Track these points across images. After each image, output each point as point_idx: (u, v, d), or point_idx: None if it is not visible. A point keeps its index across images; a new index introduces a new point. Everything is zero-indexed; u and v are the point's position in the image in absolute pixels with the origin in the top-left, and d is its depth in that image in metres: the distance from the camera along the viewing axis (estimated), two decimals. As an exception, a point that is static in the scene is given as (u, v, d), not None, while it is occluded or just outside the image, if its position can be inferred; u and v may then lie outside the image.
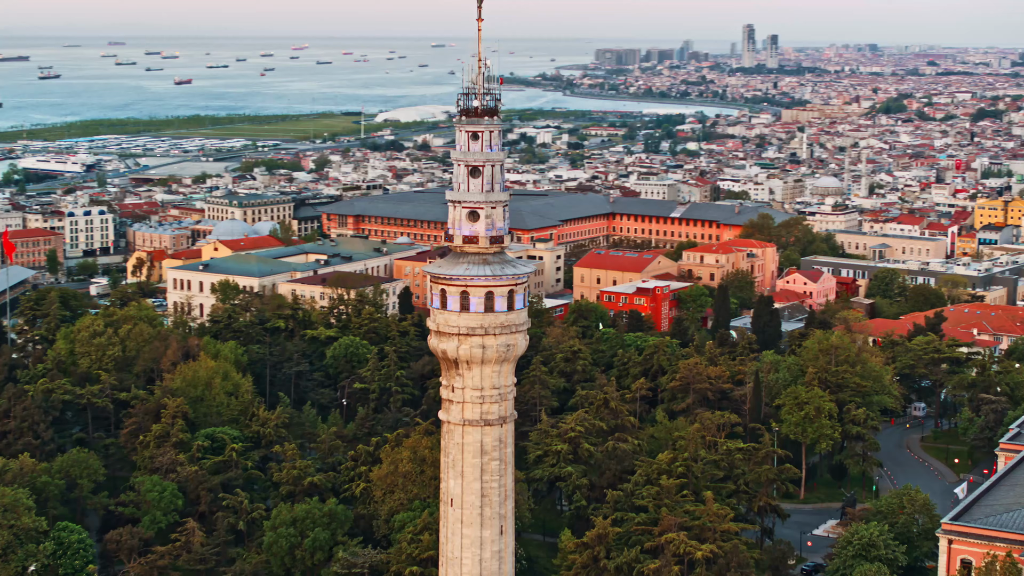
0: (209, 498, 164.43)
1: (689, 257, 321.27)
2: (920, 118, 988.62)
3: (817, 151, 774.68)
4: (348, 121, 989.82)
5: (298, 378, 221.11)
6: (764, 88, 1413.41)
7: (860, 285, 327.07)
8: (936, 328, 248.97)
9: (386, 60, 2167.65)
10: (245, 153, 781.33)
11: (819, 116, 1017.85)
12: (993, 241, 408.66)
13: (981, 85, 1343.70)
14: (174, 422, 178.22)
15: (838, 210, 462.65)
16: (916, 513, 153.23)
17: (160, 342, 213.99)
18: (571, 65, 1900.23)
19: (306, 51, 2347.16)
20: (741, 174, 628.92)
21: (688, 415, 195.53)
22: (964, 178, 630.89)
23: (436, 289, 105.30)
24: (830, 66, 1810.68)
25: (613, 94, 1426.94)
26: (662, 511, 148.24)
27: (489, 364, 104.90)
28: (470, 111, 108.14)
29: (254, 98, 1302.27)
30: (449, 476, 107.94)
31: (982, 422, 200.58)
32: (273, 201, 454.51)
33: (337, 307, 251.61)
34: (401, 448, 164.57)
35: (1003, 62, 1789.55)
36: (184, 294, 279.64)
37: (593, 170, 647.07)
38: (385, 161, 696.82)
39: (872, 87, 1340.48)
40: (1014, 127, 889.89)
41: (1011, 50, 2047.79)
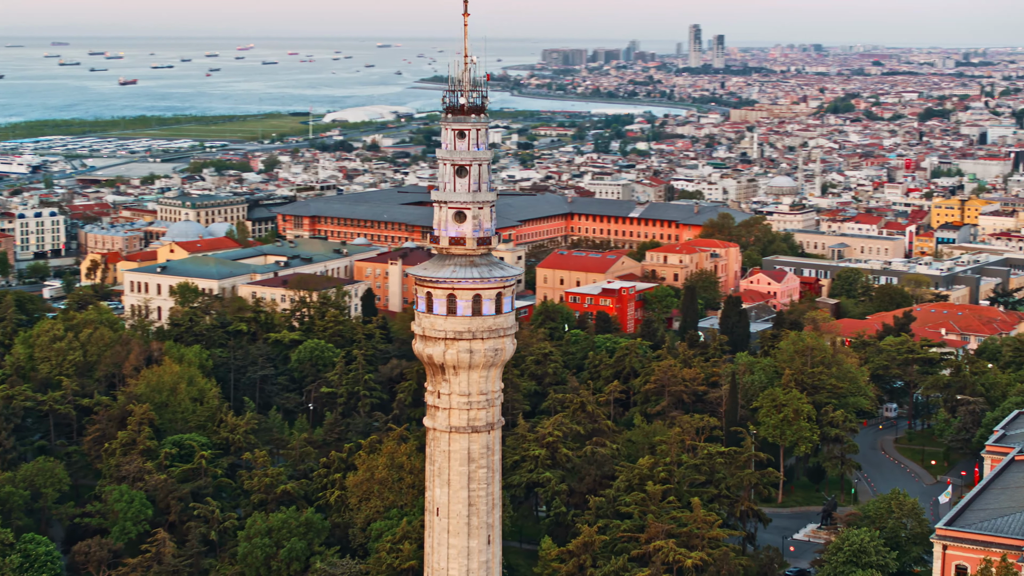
0: (179, 507, 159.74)
1: (652, 257, 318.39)
2: (868, 118, 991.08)
3: (767, 151, 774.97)
4: (296, 121, 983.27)
5: (263, 382, 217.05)
6: (711, 88, 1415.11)
7: (823, 285, 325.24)
8: (905, 328, 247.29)
9: (332, 60, 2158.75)
10: (193, 154, 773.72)
11: (768, 116, 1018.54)
12: (951, 240, 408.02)
13: (927, 85, 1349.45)
14: (141, 429, 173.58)
15: (795, 210, 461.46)
16: (904, 517, 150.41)
17: (122, 346, 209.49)
18: (518, 65, 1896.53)
19: (251, 51, 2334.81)
20: (694, 174, 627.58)
21: (664, 418, 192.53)
22: (914, 177, 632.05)
23: (421, 292, 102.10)
24: (776, 66, 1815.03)
25: (561, 94, 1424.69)
26: (648, 518, 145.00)
27: (476, 369, 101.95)
28: (456, 108, 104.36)
29: (200, 98, 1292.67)
30: (435, 485, 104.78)
31: (959, 423, 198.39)
32: (226, 202, 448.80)
33: (300, 310, 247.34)
34: (377, 454, 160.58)
35: (947, 62, 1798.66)
36: (142, 297, 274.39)
37: (546, 170, 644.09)
38: (335, 162, 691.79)
39: (819, 87, 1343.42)
40: (962, 127, 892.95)
41: (954, 50, 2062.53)
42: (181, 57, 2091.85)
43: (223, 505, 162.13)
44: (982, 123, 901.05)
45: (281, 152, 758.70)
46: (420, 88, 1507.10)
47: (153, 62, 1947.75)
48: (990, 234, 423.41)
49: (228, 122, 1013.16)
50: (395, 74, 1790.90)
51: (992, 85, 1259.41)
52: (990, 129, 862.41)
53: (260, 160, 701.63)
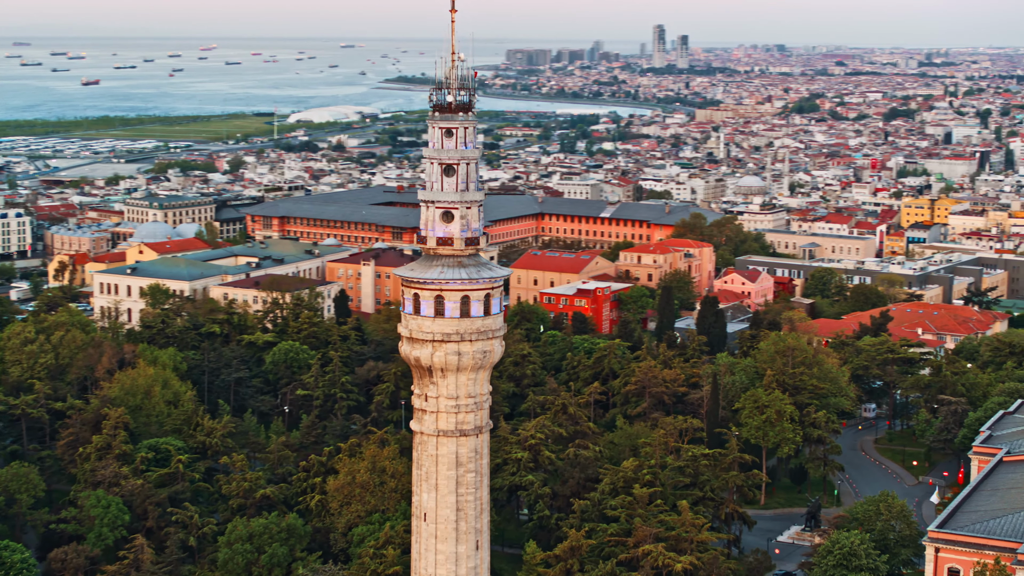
0: (157, 513, 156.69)
1: (626, 257, 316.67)
2: (833, 118, 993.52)
3: (733, 151, 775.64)
4: (260, 122, 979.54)
5: (237, 385, 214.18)
6: (676, 88, 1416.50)
7: (796, 285, 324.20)
8: (882, 328, 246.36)
9: (296, 61, 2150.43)
10: (157, 154, 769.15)
11: (733, 116, 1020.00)
12: (922, 240, 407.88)
13: (891, 85, 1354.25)
14: (116, 433, 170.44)
15: (766, 210, 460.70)
16: (893, 520, 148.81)
17: (94, 349, 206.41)
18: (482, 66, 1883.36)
19: (214, 51, 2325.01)
20: (662, 173, 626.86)
21: (645, 420, 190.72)
22: (880, 177, 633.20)
23: (408, 293, 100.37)
24: (740, 66, 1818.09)
25: (526, 94, 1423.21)
26: (635, 521, 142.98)
27: (465, 372, 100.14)
28: (444, 106, 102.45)
29: (163, 99, 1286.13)
30: (422, 489, 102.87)
31: (940, 424, 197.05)
32: (194, 203, 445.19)
33: (273, 311, 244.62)
34: (358, 458, 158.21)
35: (910, 62, 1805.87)
36: (112, 299, 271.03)
37: (513, 170, 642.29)
38: (301, 162, 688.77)
39: (783, 87, 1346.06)
40: (927, 127, 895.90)
41: (917, 50, 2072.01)
42: (144, 57, 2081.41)
43: (201, 510, 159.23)
44: (947, 123, 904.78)
45: (246, 153, 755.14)
46: (385, 88, 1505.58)
47: (116, 62, 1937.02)
48: (960, 233, 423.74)
49: (192, 122, 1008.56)
50: (359, 74, 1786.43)
51: (956, 85, 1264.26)
52: (955, 129, 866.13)
53: (225, 161, 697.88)
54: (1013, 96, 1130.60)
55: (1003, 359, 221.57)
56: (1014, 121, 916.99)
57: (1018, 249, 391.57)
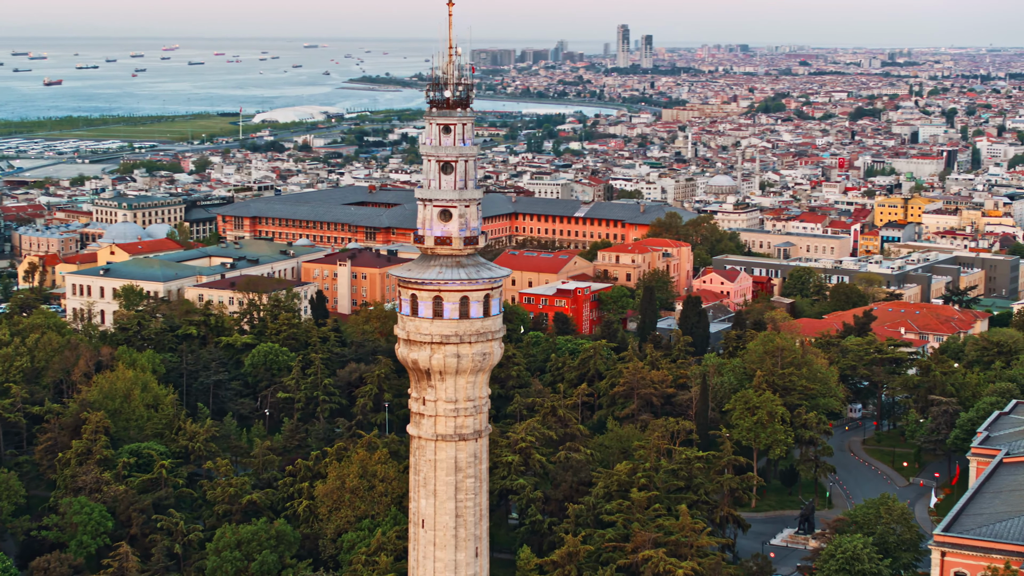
0: (141, 520, 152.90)
1: (604, 257, 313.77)
2: (799, 117, 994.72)
3: (701, 150, 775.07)
4: (225, 122, 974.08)
5: (216, 388, 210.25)
6: (641, 88, 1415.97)
7: (774, 284, 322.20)
8: (866, 328, 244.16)
9: (259, 61, 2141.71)
10: (122, 155, 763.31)
11: (699, 116, 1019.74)
12: (896, 239, 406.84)
13: (855, 84, 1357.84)
14: (96, 438, 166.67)
15: (740, 209, 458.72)
16: (894, 523, 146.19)
17: (70, 351, 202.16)
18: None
19: (177, 52, 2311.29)
20: (632, 173, 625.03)
21: (633, 421, 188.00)
22: (848, 176, 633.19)
23: (406, 294, 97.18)
24: (704, 66, 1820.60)
25: (491, 94, 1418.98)
26: (634, 526, 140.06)
27: (464, 374, 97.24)
28: (441, 102, 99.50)
29: (127, 99, 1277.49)
30: (420, 495, 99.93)
31: (931, 424, 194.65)
32: (163, 203, 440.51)
33: (250, 312, 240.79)
34: (347, 462, 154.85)
35: (873, 62, 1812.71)
36: (84, 300, 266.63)
37: (483, 170, 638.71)
38: (268, 162, 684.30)
39: (748, 87, 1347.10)
40: (893, 126, 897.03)
41: (879, 50, 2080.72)
42: (106, 57, 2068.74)
43: (186, 517, 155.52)
44: (913, 122, 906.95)
45: (212, 153, 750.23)
46: (349, 88, 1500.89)
47: (78, 62, 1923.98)
48: (935, 232, 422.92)
49: (156, 123, 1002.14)
50: (323, 74, 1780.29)
51: (920, 85, 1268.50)
52: (921, 128, 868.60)
53: (191, 161, 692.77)
54: (978, 96, 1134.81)
55: (991, 359, 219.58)
56: (980, 120, 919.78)
57: (993, 248, 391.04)
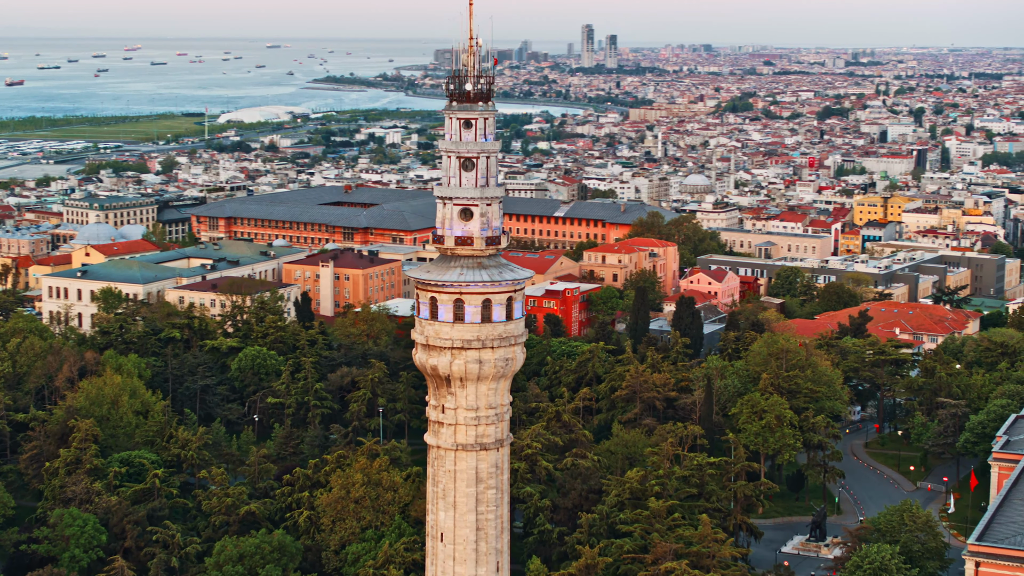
0: (135, 532, 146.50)
1: (590, 257, 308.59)
2: (767, 116, 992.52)
3: (671, 150, 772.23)
4: (190, 122, 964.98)
5: (203, 393, 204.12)
6: (607, 88, 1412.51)
7: (760, 284, 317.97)
8: (862, 328, 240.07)
9: (222, 61, 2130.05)
10: (87, 155, 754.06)
11: (667, 115, 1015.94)
12: (877, 238, 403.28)
13: (820, 84, 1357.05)
14: (86, 446, 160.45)
15: (719, 208, 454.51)
16: (918, 531, 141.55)
17: (53, 356, 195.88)
18: (411, 65, 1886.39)
19: (139, 52, 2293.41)
20: (604, 172, 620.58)
21: (636, 426, 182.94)
22: (819, 175, 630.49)
23: (425, 297, 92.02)
24: (668, 66, 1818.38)
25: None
26: (653, 537, 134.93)
27: (486, 381, 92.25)
28: (462, 95, 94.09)
29: (89, 99, 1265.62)
30: (439, 508, 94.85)
31: (940, 427, 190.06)
32: (135, 204, 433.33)
33: (234, 315, 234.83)
34: (350, 470, 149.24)
35: (837, 62, 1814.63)
36: (61, 303, 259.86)
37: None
38: (235, 163, 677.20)
39: (714, 86, 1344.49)
40: (862, 125, 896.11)
41: (842, 50, 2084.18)
42: (68, 58, 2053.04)
43: (182, 529, 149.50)
44: (881, 121, 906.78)
45: (178, 153, 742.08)
46: (314, 88, 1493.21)
47: (39, 63, 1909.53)
48: (916, 232, 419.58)
49: (120, 123, 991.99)
50: (287, 74, 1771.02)
51: (886, 84, 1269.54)
52: (890, 127, 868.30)
53: (157, 161, 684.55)
54: (944, 95, 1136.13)
55: (994, 359, 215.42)
56: (948, 120, 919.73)
57: (975, 247, 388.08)
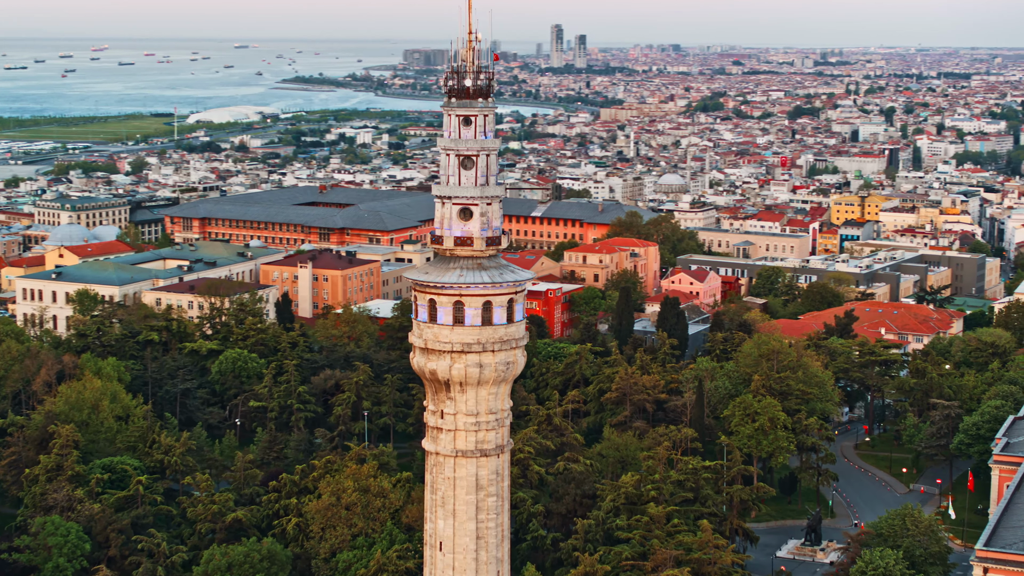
0: (120, 540, 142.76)
1: (571, 257, 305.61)
2: (738, 116, 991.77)
3: (643, 149, 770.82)
4: (159, 123, 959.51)
5: (184, 397, 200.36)
6: (577, 88, 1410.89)
7: (742, 284, 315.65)
8: (848, 329, 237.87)
9: (190, 61, 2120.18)
10: (56, 156, 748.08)
11: (637, 115, 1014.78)
12: (855, 237, 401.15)
13: (790, 83, 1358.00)
14: (67, 452, 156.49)
15: (696, 207, 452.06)
16: (921, 536, 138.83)
17: (31, 360, 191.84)
18: (380, 66, 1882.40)
19: (107, 52, 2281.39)
20: (578, 172, 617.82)
21: (625, 428, 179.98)
22: (791, 175, 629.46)
23: (423, 299, 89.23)
24: (637, 66, 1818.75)
25: (426, 94, 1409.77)
26: (653, 543, 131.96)
27: (486, 385, 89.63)
28: (461, 91, 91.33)
29: (57, 100, 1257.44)
30: (437, 516, 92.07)
31: (933, 429, 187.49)
32: (107, 204, 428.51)
33: (213, 317, 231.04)
34: (341, 476, 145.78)
35: (805, 61, 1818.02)
36: (36, 305, 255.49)
37: (427, 170, 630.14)
38: (206, 163, 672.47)
39: (684, 86, 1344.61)
40: (833, 124, 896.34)
41: (811, 50, 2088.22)
42: (35, 58, 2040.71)
43: (168, 537, 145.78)
44: (852, 121, 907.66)
45: (148, 154, 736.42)
46: (283, 88, 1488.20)
47: (6, 63, 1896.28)
48: (893, 231, 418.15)
49: (89, 123, 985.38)
50: (256, 75, 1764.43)
51: (856, 84, 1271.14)
52: (861, 127, 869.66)
53: (127, 162, 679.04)
54: (914, 94, 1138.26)
55: (985, 359, 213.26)
56: (918, 119, 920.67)
57: (954, 246, 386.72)
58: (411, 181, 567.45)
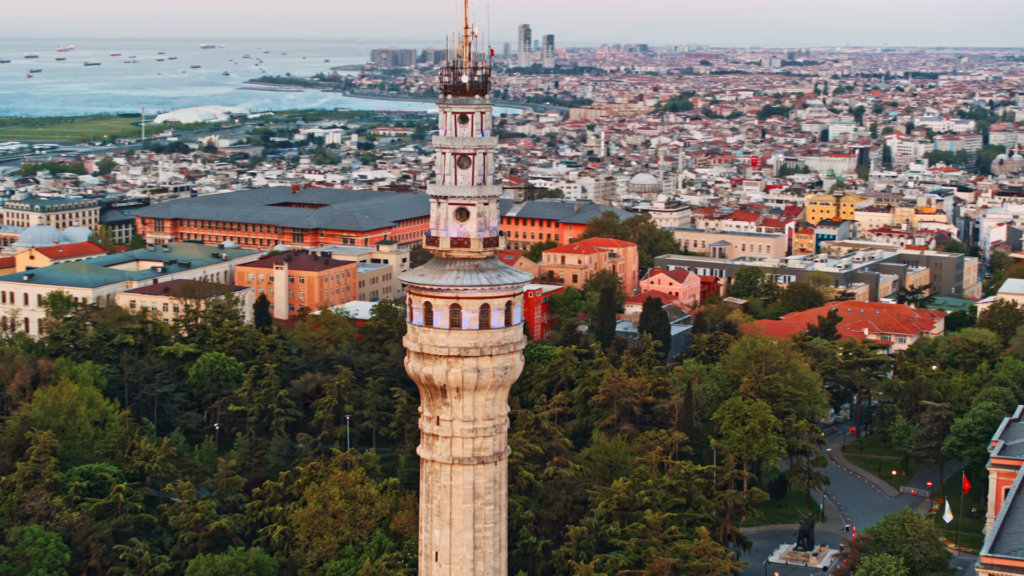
0: (101, 550, 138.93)
1: (549, 258, 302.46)
2: (707, 116, 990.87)
3: (613, 149, 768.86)
4: (126, 123, 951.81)
5: (161, 401, 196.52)
6: (546, 87, 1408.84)
7: (720, 284, 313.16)
8: (831, 329, 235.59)
9: (156, 61, 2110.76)
10: (23, 156, 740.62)
11: (607, 115, 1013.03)
12: (831, 237, 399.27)
13: (758, 83, 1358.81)
14: (44, 459, 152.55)
15: (672, 207, 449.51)
16: (921, 541, 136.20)
17: (5, 364, 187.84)
18: (347, 66, 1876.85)
19: (72, 52, 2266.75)
20: (550, 172, 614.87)
21: (613, 432, 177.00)
22: (762, 174, 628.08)
23: (418, 302, 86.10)
24: (605, 66, 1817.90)
25: (394, 94, 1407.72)
26: (650, 551, 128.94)
27: (483, 391, 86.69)
28: (458, 88, 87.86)
29: (23, 100, 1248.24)
30: (433, 525, 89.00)
31: (923, 431, 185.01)
32: (77, 205, 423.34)
33: (189, 319, 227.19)
34: (327, 483, 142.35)
35: (773, 61, 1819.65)
36: (8, 308, 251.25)
37: (397, 170, 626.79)
38: (174, 163, 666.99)
39: (652, 86, 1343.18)
40: (803, 124, 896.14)
41: (778, 49, 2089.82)
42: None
43: (149, 546, 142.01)
44: (822, 120, 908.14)
45: (116, 154, 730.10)
46: (250, 89, 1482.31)
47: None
48: (869, 230, 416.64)
49: (56, 124, 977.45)
50: (223, 75, 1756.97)
51: (825, 84, 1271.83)
52: (831, 126, 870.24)
53: (95, 162, 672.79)
54: (883, 94, 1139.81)
55: (973, 360, 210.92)
56: (888, 119, 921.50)
57: (930, 246, 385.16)
58: (383, 181, 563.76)
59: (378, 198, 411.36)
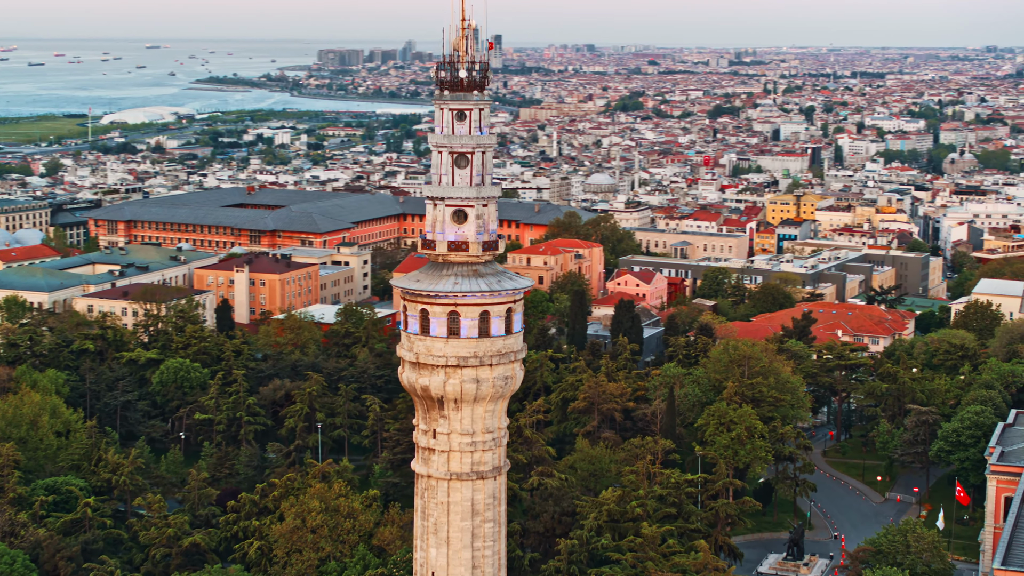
0: (69, 568, 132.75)
1: (514, 259, 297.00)
2: (658, 115, 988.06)
3: (565, 149, 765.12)
4: (72, 123, 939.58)
5: (124, 409, 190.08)
6: (494, 87, 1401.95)
7: (686, 285, 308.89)
8: (806, 331, 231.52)
9: (101, 62, 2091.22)
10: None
11: (557, 115, 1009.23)
12: (793, 237, 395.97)
13: (707, 83, 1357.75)
14: (8, 473, 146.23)
15: (632, 207, 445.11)
16: (924, 552, 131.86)
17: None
18: (294, 66, 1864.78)
19: (15, 52, 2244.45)
20: (504, 172, 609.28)
21: (594, 439, 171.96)
22: (715, 174, 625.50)
23: (414, 309, 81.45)
24: (553, 66, 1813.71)
25: (342, 94, 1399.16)
26: (647, 565, 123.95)
27: (483, 402, 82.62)
28: (455, 83, 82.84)
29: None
30: (429, 544, 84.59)
31: (909, 436, 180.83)
32: (27, 207, 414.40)
33: (150, 324, 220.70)
34: (306, 496, 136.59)
35: (720, 61, 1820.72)
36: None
37: (350, 170, 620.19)
38: (123, 164, 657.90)
39: (601, 86, 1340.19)
40: (754, 123, 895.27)
41: (725, 49, 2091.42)
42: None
43: (120, 563, 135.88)
44: (773, 120, 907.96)
45: (62, 155, 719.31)
46: (197, 89, 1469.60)
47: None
48: (831, 230, 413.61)
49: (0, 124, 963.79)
50: (169, 75, 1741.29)
51: (774, 84, 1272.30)
52: (782, 126, 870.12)
53: (41, 163, 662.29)
54: (832, 93, 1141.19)
55: (954, 362, 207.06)
56: (838, 118, 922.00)
57: (892, 245, 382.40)
58: (336, 182, 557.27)
59: (334, 199, 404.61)
